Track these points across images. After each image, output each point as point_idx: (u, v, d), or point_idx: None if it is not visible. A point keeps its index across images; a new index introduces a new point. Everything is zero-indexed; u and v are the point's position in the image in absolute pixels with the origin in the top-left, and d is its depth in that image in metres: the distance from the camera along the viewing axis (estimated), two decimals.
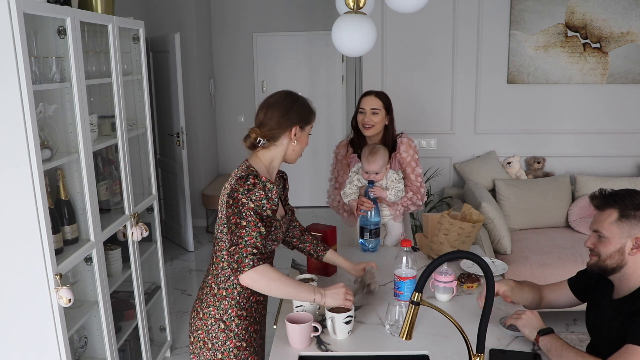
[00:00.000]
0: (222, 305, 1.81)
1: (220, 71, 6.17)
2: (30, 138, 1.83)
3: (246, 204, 1.70)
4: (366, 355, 1.72)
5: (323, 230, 2.28)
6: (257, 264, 1.67)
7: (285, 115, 1.82)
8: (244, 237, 1.68)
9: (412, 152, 2.71)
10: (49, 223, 1.94)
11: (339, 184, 2.76)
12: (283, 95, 1.87)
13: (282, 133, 1.83)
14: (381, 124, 2.63)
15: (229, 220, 1.71)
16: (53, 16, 2.05)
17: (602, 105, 4.30)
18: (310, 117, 1.90)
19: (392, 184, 2.56)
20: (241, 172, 1.79)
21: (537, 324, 1.72)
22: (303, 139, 1.90)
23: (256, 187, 1.73)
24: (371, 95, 2.64)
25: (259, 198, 1.73)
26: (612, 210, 1.64)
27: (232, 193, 1.73)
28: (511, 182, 4.03)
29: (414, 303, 1.41)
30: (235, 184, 1.74)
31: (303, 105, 1.87)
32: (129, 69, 2.88)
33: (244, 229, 1.68)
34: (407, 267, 2.02)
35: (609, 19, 4.12)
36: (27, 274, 1.95)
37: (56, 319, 2.00)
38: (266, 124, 1.82)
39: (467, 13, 4.20)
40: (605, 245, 1.65)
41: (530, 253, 3.52)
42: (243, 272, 1.67)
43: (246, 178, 1.73)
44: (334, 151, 2.83)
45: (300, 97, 1.89)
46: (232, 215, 1.71)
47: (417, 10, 2.26)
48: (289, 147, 1.88)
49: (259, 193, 1.73)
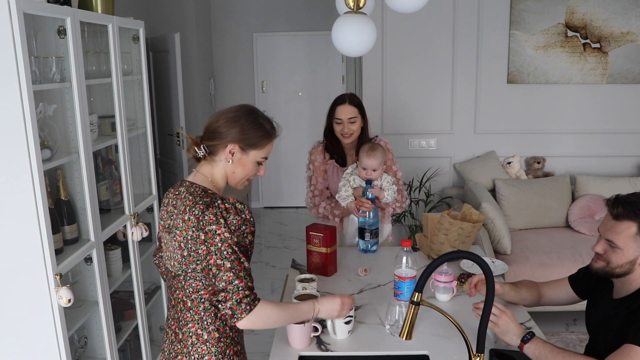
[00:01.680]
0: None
1: (220, 71, 6.17)
2: (30, 138, 1.83)
3: (225, 239, 1.49)
4: (366, 355, 1.72)
5: (323, 230, 2.27)
6: (254, 306, 1.51)
7: (225, 128, 1.58)
8: (233, 282, 1.49)
9: (391, 155, 2.70)
10: (49, 223, 1.94)
11: (318, 190, 2.70)
12: (236, 108, 1.65)
13: (219, 148, 1.60)
14: (359, 130, 2.60)
15: (207, 260, 1.49)
16: (53, 16, 2.05)
17: (602, 105, 4.30)
18: (259, 142, 1.61)
19: (387, 185, 2.55)
20: (201, 199, 1.53)
21: (516, 329, 1.66)
22: (245, 163, 1.63)
23: (230, 213, 1.52)
24: (345, 104, 2.56)
25: (237, 225, 1.53)
26: (632, 224, 1.58)
27: (205, 225, 1.49)
28: (511, 182, 4.03)
29: (414, 303, 1.41)
30: (203, 213, 1.50)
31: (254, 125, 1.61)
32: (129, 69, 2.87)
33: (230, 271, 1.48)
34: (407, 267, 2.02)
35: (609, 19, 4.12)
36: (27, 274, 1.95)
37: (56, 319, 2.00)
38: (207, 134, 1.61)
39: (467, 13, 4.20)
40: (618, 256, 1.62)
41: (530, 253, 3.52)
42: (241, 318, 1.50)
43: (216, 204, 1.51)
44: (309, 158, 2.73)
45: (254, 115, 1.63)
46: (210, 255, 1.49)
47: (417, 10, 2.26)
48: (227, 167, 1.63)
49: (235, 219, 1.52)
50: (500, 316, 1.68)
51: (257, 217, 6.21)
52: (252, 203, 6.50)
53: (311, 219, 2.70)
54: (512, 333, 1.66)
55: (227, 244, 1.49)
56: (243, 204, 1.58)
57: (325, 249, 2.26)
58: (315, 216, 2.73)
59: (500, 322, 1.67)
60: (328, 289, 2.15)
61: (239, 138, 1.59)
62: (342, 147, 2.68)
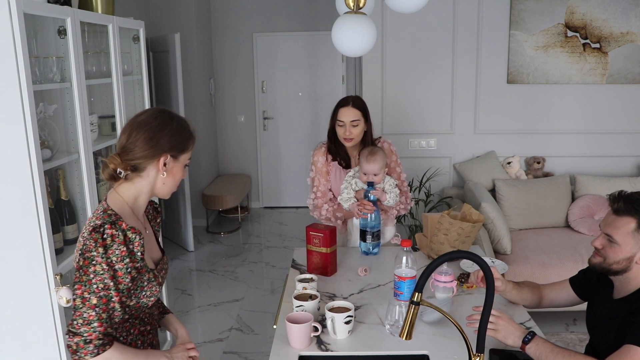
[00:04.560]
0: None
1: (220, 71, 6.17)
2: (31, 138, 1.83)
3: (100, 271, 1.35)
4: (366, 355, 1.72)
5: (323, 230, 2.27)
6: (102, 351, 1.37)
7: (153, 140, 1.44)
8: (92, 323, 1.36)
9: (395, 157, 2.69)
10: (49, 223, 1.94)
11: (321, 192, 2.68)
12: (153, 114, 1.49)
13: (149, 163, 1.46)
14: (362, 134, 2.58)
15: (74, 288, 1.38)
16: (53, 16, 2.05)
17: (602, 106, 4.30)
18: (187, 144, 1.52)
19: (389, 188, 2.54)
20: (95, 220, 1.41)
21: (516, 329, 1.66)
22: (176, 170, 1.52)
23: (115, 242, 1.37)
24: (348, 106, 2.53)
25: (120, 257, 1.38)
26: (631, 219, 1.58)
27: (85, 251, 1.37)
28: (511, 182, 4.03)
29: (414, 303, 1.41)
30: (88, 239, 1.37)
31: (178, 129, 1.50)
32: (129, 69, 2.88)
33: (94, 309, 1.35)
34: (407, 267, 2.02)
35: (608, 19, 4.12)
36: (27, 274, 1.95)
37: (56, 319, 2.00)
38: (129, 151, 1.44)
39: (467, 13, 4.21)
40: (614, 251, 1.62)
41: (530, 253, 3.52)
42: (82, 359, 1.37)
43: (101, 229, 1.37)
44: (312, 159, 2.70)
45: (175, 117, 1.51)
46: (79, 284, 1.37)
47: (417, 10, 2.26)
48: (157, 180, 1.50)
49: (119, 250, 1.38)
50: (498, 321, 1.68)
51: (257, 217, 6.21)
52: (252, 203, 6.50)
53: (311, 219, 2.70)
54: (513, 335, 1.66)
55: (99, 277, 1.36)
56: (138, 232, 1.43)
57: (325, 249, 2.26)
58: (317, 218, 2.71)
59: (499, 327, 1.67)
60: (328, 289, 2.15)
61: (169, 147, 1.47)
62: (345, 150, 2.66)
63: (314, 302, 1.86)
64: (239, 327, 3.65)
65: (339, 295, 2.11)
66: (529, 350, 1.62)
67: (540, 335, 1.71)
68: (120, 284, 1.40)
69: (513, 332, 1.66)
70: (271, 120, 6.31)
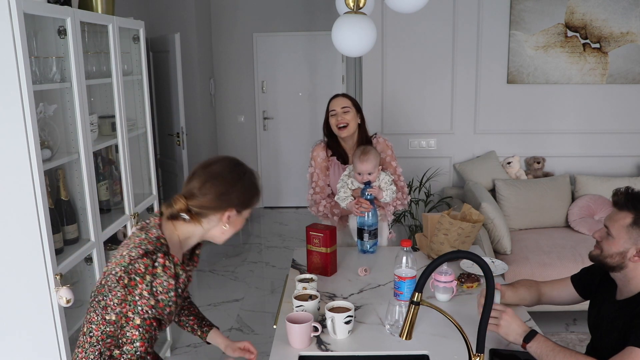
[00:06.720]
0: None
1: (220, 71, 6.17)
2: (31, 138, 1.84)
3: (146, 295, 1.35)
4: (366, 355, 1.72)
5: (323, 230, 2.27)
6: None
7: (224, 195, 1.47)
8: (135, 343, 1.36)
9: (390, 152, 2.71)
10: (49, 223, 1.94)
11: (319, 187, 2.70)
12: (228, 167, 1.51)
13: (214, 213, 1.49)
14: (354, 123, 2.62)
15: (120, 306, 1.35)
16: (53, 16, 2.05)
17: (602, 105, 4.30)
18: (253, 201, 1.54)
19: (385, 185, 2.55)
20: (147, 245, 1.40)
21: (518, 327, 1.66)
22: (237, 223, 1.54)
23: (166, 273, 1.38)
24: (339, 97, 2.66)
25: (166, 289, 1.38)
26: (628, 214, 1.61)
27: (132, 272, 1.35)
28: (511, 182, 4.03)
29: (414, 303, 1.41)
30: (139, 261, 1.36)
31: (249, 186, 1.52)
32: (129, 69, 2.88)
33: (137, 329, 1.36)
34: (407, 267, 2.02)
35: (608, 19, 4.12)
36: (27, 274, 1.95)
37: (56, 319, 2.00)
38: (197, 198, 1.46)
39: (467, 13, 4.21)
40: (609, 244, 1.64)
41: (530, 253, 3.52)
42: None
43: (154, 256, 1.37)
44: (311, 155, 2.74)
45: (247, 173, 1.53)
46: (125, 303, 1.34)
47: (417, 10, 2.26)
48: (216, 229, 1.52)
49: (167, 282, 1.38)
50: (501, 316, 1.68)
51: (257, 217, 6.21)
52: None
53: (311, 219, 2.70)
54: (515, 332, 1.66)
55: (144, 300, 1.35)
56: (185, 270, 1.47)
57: (325, 249, 2.26)
58: (315, 214, 2.74)
59: (502, 322, 1.67)
60: (328, 289, 2.15)
61: (237, 202, 1.49)
62: (342, 146, 2.68)
63: (314, 302, 1.86)
64: (239, 327, 3.65)
65: (339, 295, 2.11)
66: (530, 348, 1.62)
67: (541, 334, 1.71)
68: (158, 314, 1.39)
69: (515, 329, 1.66)
70: (271, 120, 6.31)
